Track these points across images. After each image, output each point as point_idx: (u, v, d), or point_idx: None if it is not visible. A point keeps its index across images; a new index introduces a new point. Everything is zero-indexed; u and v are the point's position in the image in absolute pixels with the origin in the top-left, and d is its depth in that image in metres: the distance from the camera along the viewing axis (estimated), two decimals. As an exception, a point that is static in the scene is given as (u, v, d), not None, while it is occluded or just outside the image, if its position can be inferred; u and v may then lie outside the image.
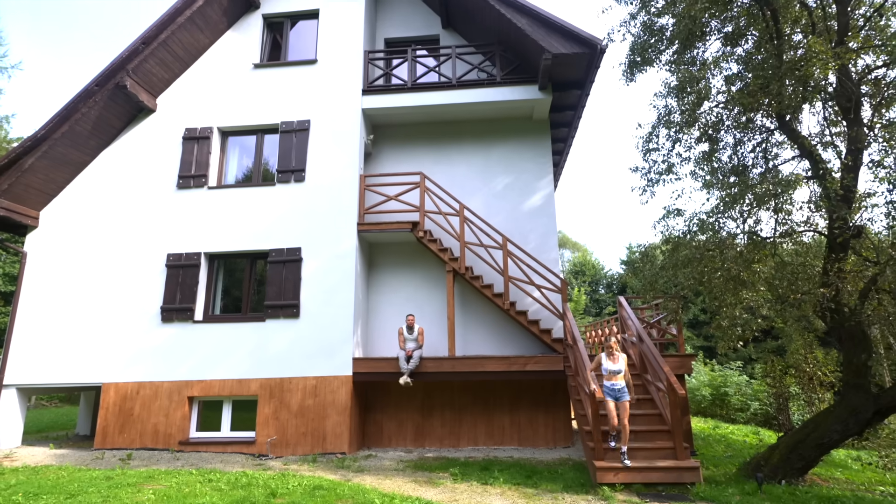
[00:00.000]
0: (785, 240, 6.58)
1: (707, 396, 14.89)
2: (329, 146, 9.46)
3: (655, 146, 7.74)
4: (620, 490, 5.75)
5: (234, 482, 6.04)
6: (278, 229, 9.11)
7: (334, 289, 8.71)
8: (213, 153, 9.72)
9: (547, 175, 10.02)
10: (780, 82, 6.06)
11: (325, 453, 8.00)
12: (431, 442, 8.76)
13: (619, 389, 6.23)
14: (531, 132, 10.21)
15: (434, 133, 10.39)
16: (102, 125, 9.52)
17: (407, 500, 5.33)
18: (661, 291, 7.41)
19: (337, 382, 8.31)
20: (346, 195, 9.17)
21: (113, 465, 7.21)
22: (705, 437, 10.40)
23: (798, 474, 6.27)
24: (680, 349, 8.69)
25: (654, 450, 6.21)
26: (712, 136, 7.20)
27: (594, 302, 31.85)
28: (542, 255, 9.32)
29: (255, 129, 9.91)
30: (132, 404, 8.49)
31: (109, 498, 5.33)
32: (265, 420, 8.26)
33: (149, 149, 9.74)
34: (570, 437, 8.67)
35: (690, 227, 6.95)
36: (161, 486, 5.85)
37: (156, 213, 9.37)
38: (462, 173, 10.11)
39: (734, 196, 6.42)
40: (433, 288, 9.60)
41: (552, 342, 8.50)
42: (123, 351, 8.72)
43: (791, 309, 6.20)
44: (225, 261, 9.53)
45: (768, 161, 7.06)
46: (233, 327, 8.76)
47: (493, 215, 9.72)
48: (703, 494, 5.56)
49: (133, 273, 9.09)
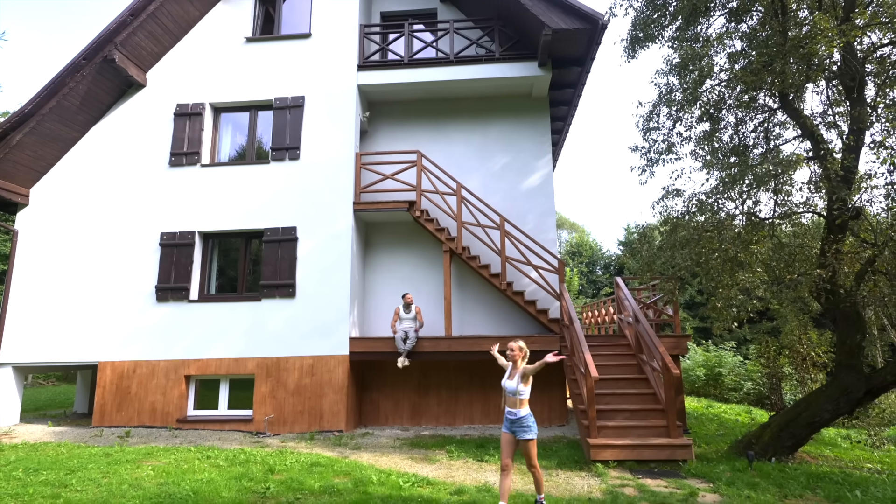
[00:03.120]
0: (783, 221, 6.60)
1: (701, 376, 15.14)
2: (324, 123, 9.35)
3: (656, 125, 7.69)
4: (614, 467, 5.89)
5: (232, 459, 6.15)
6: (273, 208, 9.07)
7: (330, 268, 8.73)
8: (206, 130, 9.59)
9: (546, 154, 9.96)
10: (783, 60, 5.99)
11: (322, 431, 8.13)
12: (428, 420, 8.91)
13: (517, 421, 4.33)
14: (530, 110, 10.11)
15: (431, 110, 10.28)
16: (91, 100, 9.36)
17: (403, 476, 5.45)
18: (659, 272, 7.45)
19: (334, 362, 8.39)
20: (341, 174, 9.11)
21: (112, 443, 7.32)
22: (698, 416, 10.61)
23: (788, 452, 6.42)
24: (676, 330, 8.81)
25: (647, 428, 6.35)
26: (714, 115, 7.15)
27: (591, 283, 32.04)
28: (539, 236, 9.33)
29: (249, 105, 9.77)
30: (129, 383, 8.57)
31: (109, 474, 5.42)
32: (262, 399, 8.36)
33: (139, 125, 9.60)
34: (566, 416, 8.83)
35: (689, 207, 6.95)
36: (160, 463, 5.96)
37: (148, 191, 9.29)
38: (459, 152, 10.04)
39: (734, 176, 6.41)
40: (430, 268, 9.62)
41: (549, 322, 8.59)
42: (119, 330, 8.76)
43: (787, 290, 6.25)
44: (220, 240, 9.50)
45: (769, 141, 7.03)
46: (229, 307, 8.79)
47: (490, 195, 9.69)
48: (694, 471, 5.70)
49: (126, 252, 9.06)
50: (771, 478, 5.44)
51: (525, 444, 4.34)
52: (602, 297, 24.66)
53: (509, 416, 4.39)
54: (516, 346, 4.47)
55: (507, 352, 4.49)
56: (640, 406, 6.73)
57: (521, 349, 4.46)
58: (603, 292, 30.31)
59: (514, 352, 4.46)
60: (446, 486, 5.16)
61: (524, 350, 4.46)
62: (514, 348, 4.47)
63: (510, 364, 4.54)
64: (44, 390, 15.17)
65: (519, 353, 4.45)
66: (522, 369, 4.35)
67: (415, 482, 5.21)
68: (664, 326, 13.80)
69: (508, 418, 4.40)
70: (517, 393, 4.34)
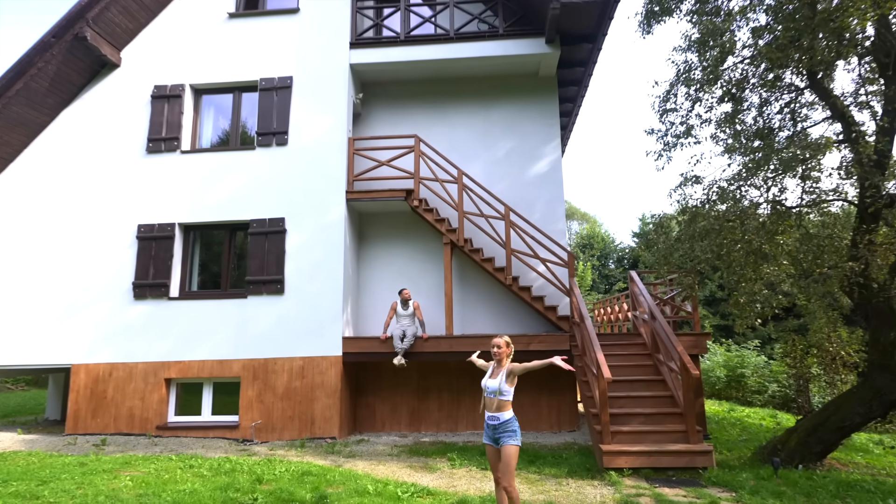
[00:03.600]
0: (812, 210, 6.57)
1: (722, 378, 15.16)
2: (314, 106, 9.30)
3: (673, 106, 7.63)
4: (628, 475, 5.90)
5: (217, 468, 6.16)
6: (259, 198, 9.04)
7: (321, 263, 8.71)
8: (186, 113, 9.55)
9: (554, 139, 9.92)
10: (812, 35, 5.93)
11: (313, 438, 8.15)
12: (428, 426, 8.93)
13: (500, 426, 4.12)
14: (537, 91, 10.06)
15: (430, 92, 10.22)
16: (61, 82, 9.30)
17: (402, 485, 5.46)
18: (676, 266, 7.43)
19: (326, 363, 8.39)
20: (333, 160, 9.08)
21: (86, 451, 7.33)
22: (719, 420, 10.63)
23: (816, 459, 6.43)
24: (695, 327, 8.79)
25: (664, 433, 6.35)
26: (736, 95, 7.10)
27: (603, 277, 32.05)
28: (547, 227, 9.31)
29: (232, 86, 9.72)
30: (105, 387, 8.57)
31: (84, 484, 5.43)
32: (249, 403, 8.37)
33: (114, 108, 9.56)
34: (576, 421, 8.85)
35: (709, 195, 6.91)
36: (139, 473, 5.96)
37: (124, 180, 9.26)
38: (461, 136, 10.00)
39: (758, 162, 6.36)
40: (429, 262, 9.61)
41: (558, 320, 8.58)
42: (93, 330, 8.76)
43: (815, 284, 6.23)
44: (201, 232, 9.48)
45: (796, 123, 6.98)
46: (212, 304, 8.78)
47: (494, 183, 9.65)
48: (715, 479, 5.71)
49: (101, 245, 9.04)
50: (798, 486, 5.45)
51: (507, 452, 4.03)
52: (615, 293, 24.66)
53: (491, 421, 4.14)
54: (502, 342, 4.27)
55: (493, 349, 4.26)
56: (656, 410, 6.73)
57: (508, 345, 4.30)
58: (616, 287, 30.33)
59: (501, 348, 4.25)
60: (448, 496, 5.16)
61: (511, 346, 4.32)
62: (500, 344, 4.26)
63: (492, 363, 4.36)
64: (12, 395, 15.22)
65: (505, 350, 4.27)
66: (510, 367, 4.18)
67: (414, 492, 5.22)
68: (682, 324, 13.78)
69: (490, 424, 4.15)
70: (500, 393, 4.12)
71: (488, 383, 4.23)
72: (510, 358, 4.31)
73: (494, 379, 4.21)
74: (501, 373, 4.20)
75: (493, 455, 4.22)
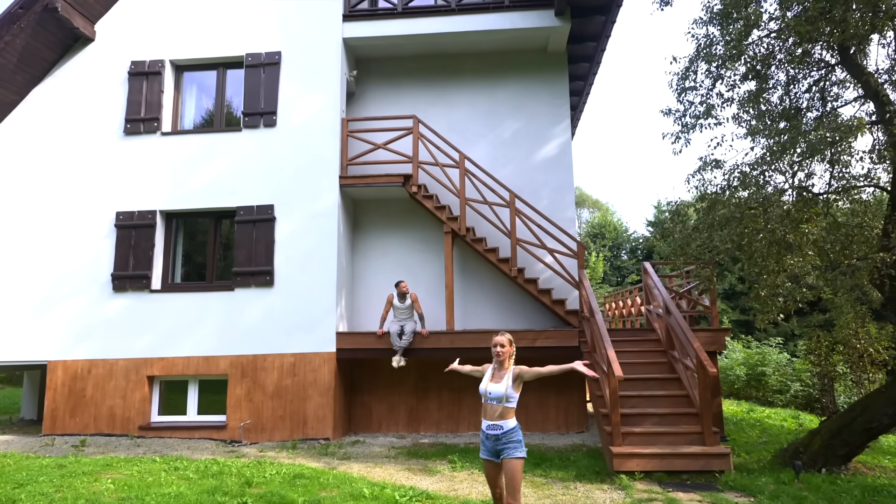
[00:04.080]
0: (840, 196, 6.56)
1: (742, 376, 15.23)
2: (304, 84, 9.27)
3: (693, 84, 7.60)
4: (640, 479, 5.97)
5: (203, 470, 6.23)
6: (246, 183, 9.04)
7: (313, 253, 8.74)
8: (166, 92, 9.52)
9: (563, 120, 9.88)
10: (845, 6, 5.88)
11: (305, 439, 8.22)
12: (427, 427, 9.00)
13: (503, 436, 3.85)
14: (545, 68, 10.01)
15: (430, 69, 10.17)
16: (31, 57, 9.27)
17: (399, 489, 5.53)
18: (693, 257, 7.45)
19: (318, 360, 8.45)
20: (325, 143, 9.06)
21: (65, 452, 7.41)
22: (738, 421, 10.71)
23: (841, 462, 6.49)
24: (713, 323, 8.83)
25: (679, 434, 6.41)
26: (761, 72, 7.06)
27: (615, 269, 32.08)
28: (556, 215, 9.31)
29: (216, 62, 9.68)
30: (84, 385, 8.64)
31: (63, 487, 5.50)
32: (237, 402, 8.44)
33: (89, 86, 9.53)
34: (585, 422, 8.92)
35: (730, 181, 6.90)
36: (121, 475, 6.04)
37: (100, 164, 9.26)
38: (463, 117, 9.97)
39: (783, 144, 6.35)
40: (428, 252, 9.63)
41: (566, 314, 8.62)
42: (71, 324, 8.81)
43: (843, 277, 6.24)
44: (185, 220, 9.50)
45: (826, 103, 6.95)
46: (197, 297, 8.83)
47: (499, 167, 9.65)
48: (732, 483, 5.77)
49: (77, 235, 9.07)
50: (820, 491, 5.51)
51: (512, 466, 3.77)
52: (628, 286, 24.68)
53: (492, 431, 3.86)
54: (505, 340, 4.02)
55: (495, 348, 3.99)
56: (670, 410, 6.78)
57: (511, 343, 4.05)
58: (629, 280, 30.37)
59: (504, 347, 3.99)
60: (449, 500, 5.23)
61: (513, 345, 4.08)
62: (502, 343, 4.00)
63: (490, 365, 4.13)
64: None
65: (509, 350, 4.01)
66: (518, 371, 3.94)
67: (412, 496, 5.28)
68: (699, 319, 13.85)
69: (491, 434, 3.86)
70: (506, 399, 3.85)
71: (491, 388, 3.94)
72: (513, 358, 4.07)
73: (498, 383, 3.93)
74: (506, 376, 3.94)
75: (492, 471, 3.95)
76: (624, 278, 31.30)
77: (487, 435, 3.90)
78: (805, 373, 13.50)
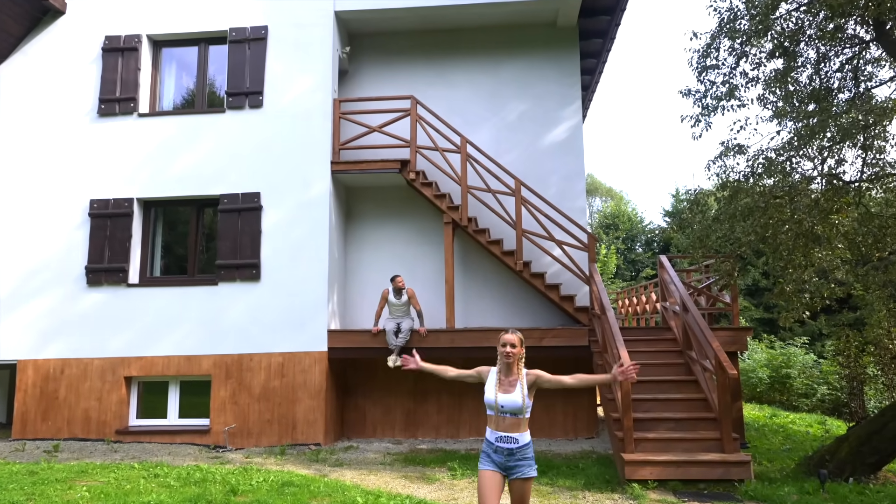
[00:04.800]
0: (873, 185, 6.55)
1: (764, 379, 15.27)
2: (293, 61, 9.24)
3: (714, 62, 7.56)
4: (653, 488, 6.00)
5: (185, 477, 6.27)
6: (230, 169, 9.04)
7: (303, 244, 8.74)
8: (144, 70, 9.49)
9: (574, 101, 9.85)
10: (880, -23, 5.85)
11: (295, 444, 8.27)
12: (425, 432, 9.05)
13: (518, 451, 3.50)
14: (555, 44, 9.98)
15: (429, 45, 10.14)
16: (-3, 32, 9.23)
17: (395, 498, 5.56)
18: (714, 250, 7.44)
19: (309, 360, 8.48)
20: (315, 125, 9.05)
21: (37, 458, 7.46)
22: (759, 426, 10.76)
23: (870, 471, 6.51)
24: (734, 321, 8.84)
25: (696, 441, 6.44)
26: (789, 49, 7.03)
27: (629, 263, 32.11)
28: (565, 204, 9.31)
29: (197, 37, 9.65)
30: (56, 386, 8.68)
31: (35, 495, 5.54)
32: (221, 405, 8.48)
33: (59, 64, 9.51)
34: (595, 427, 8.96)
35: (754, 167, 6.89)
36: (97, 482, 6.07)
37: (73, 148, 9.25)
38: (465, 98, 9.95)
39: (812, 128, 6.33)
40: (427, 244, 9.64)
41: (575, 312, 8.63)
42: (42, 321, 8.84)
43: (875, 272, 6.25)
44: (164, 209, 9.51)
45: (859, 83, 6.92)
46: (177, 292, 8.85)
47: (503, 153, 9.63)
48: (752, 493, 5.80)
49: (48, 224, 9.07)
50: (847, 501, 5.54)
51: (525, 487, 3.53)
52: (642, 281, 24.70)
53: (504, 445, 3.49)
54: (517, 339, 3.61)
55: (504, 349, 3.58)
56: (687, 414, 6.81)
57: (522, 343, 3.65)
58: (643, 274, 30.40)
59: (516, 348, 3.58)
60: (448, 510, 5.26)
61: (524, 346, 3.68)
62: (513, 342, 3.58)
63: (494, 368, 3.71)
64: (-48, 395, 15.38)
65: (520, 351, 3.61)
66: (535, 376, 3.60)
67: (409, 506, 5.32)
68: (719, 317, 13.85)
69: (503, 448, 3.49)
70: (523, 411, 3.50)
71: (504, 401, 3.52)
72: (522, 361, 3.68)
73: (511, 393, 3.53)
74: (519, 383, 3.56)
75: (492, 486, 3.48)
76: (638, 273, 31.33)
77: (497, 448, 3.51)
78: (833, 375, 13.53)
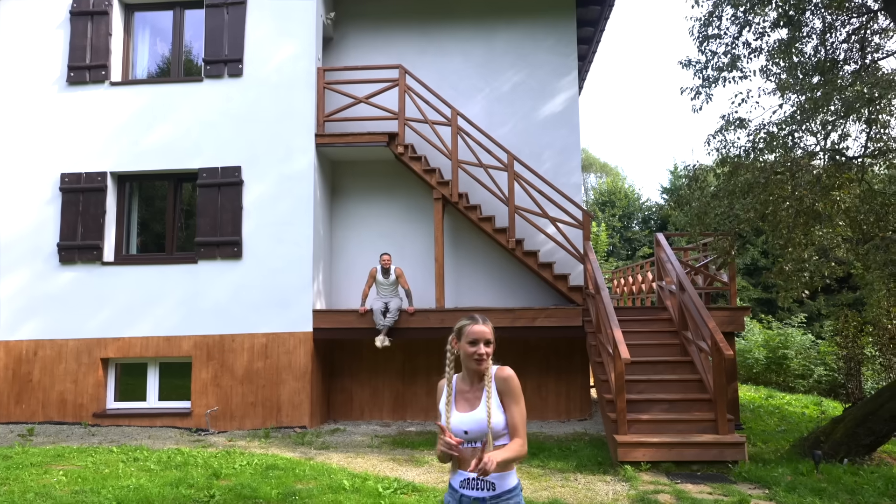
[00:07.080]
0: (877, 161, 6.59)
1: (761, 360, 15.51)
2: (275, 26, 9.07)
3: (716, 32, 7.52)
4: (646, 469, 6.11)
5: (166, 461, 6.30)
6: (209, 141, 8.93)
7: (286, 220, 8.70)
8: (115, 35, 9.29)
9: (570, 72, 9.79)
10: (890, -57, 5.81)
11: (279, 427, 8.33)
12: (414, 413, 9.14)
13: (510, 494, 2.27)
14: (550, 12, 9.88)
15: (419, 11, 10.01)
16: (-43, -7, 8.98)
17: (383, 481, 5.62)
18: (712, 227, 7.47)
19: (293, 341, 8.50)
20: (298, 95, 8.93)
21: (11, 443, 7.46)
22: (755, 408, 10.95)
23: (865, 452, 6.66)
24: (731, 301, 8.94)
25: (690, 422, 6.54)
26: (794, 18, 6.99)
27: (625, 241, 32.24)
28: (559, 180, 9.30)
29: (172, 0, 9.43)
30: (29, 368, 8.65)
31: (9, 480, 5.55)
32: (203, 387, 8.50)
33: (25, 28, 9.27)
34: (588, 408, 9.08)
35: (755, 142, 6.90)
36: (74, 467, 6.09)
37: (41, 119, 9.08)
38: (456, 68, 9.86)
39: (816, 101, 6.33)
40: (416, 221, 9.62)
41: (569, 291, 8.68)
42: (12, 301, 8.77)
43: (876, 251, 6.30)
44: (140, 183, 9.40)
45: (865, 55, 6.91)
46: (155, 271, 8.80)
47: (496, 126, 9.58)
48: (746, 474, 5.92)
49: (16, 200, 8.95)
50: (841, 483, 5.66)
51: None
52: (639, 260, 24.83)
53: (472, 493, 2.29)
54: (491, 332, 2.39)
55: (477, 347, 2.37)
56: (681, 395, 6.90)
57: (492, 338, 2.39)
58: (640, 253, 30.54)
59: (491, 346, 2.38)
60: (437, 493, 5.32)
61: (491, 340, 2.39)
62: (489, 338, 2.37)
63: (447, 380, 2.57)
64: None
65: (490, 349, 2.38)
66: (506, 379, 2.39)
67: (397, 488, 5.38)
68: (717, 297, 14.01)
69: (471, 497, 2.28)
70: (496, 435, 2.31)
71: (462, 419, 2.40)
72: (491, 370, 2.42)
73: (476, 410, 2.38)
74: (485, 392, 2.38)
75: None
76: (634, 251, 31.46)
77: (462, 499, 2.31)
78: (830, 356, 13.77)
